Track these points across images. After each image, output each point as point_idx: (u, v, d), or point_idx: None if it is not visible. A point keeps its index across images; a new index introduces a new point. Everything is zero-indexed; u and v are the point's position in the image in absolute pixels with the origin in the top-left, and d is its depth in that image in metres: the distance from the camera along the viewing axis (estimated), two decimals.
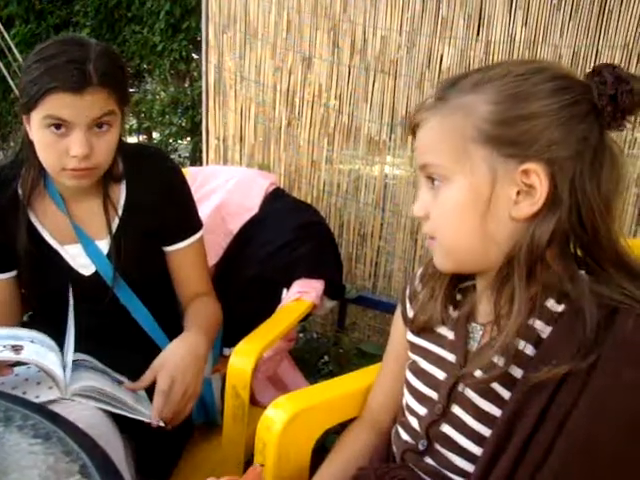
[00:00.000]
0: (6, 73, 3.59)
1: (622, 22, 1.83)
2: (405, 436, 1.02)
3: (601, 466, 0.77)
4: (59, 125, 1.25)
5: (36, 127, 1.27)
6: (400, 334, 1.11)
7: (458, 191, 0.87)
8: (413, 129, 0.93)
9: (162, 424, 1.23)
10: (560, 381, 0.80)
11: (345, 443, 1.14)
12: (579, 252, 0.90)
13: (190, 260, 1.54)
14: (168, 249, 1.52)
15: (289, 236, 1.79)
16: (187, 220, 1.54)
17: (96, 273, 1.44)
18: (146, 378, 1.28)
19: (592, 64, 1.86)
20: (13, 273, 1.46)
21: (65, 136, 1.26)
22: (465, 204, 0.87)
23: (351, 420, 1.20)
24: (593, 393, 0.78)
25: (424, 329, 1.02)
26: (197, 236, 1.55)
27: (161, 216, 1.46)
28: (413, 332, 1.05)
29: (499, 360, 0.86)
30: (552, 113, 0.82)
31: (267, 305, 1.70)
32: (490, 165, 0.84)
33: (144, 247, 1.48)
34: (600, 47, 1.87)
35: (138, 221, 1.45)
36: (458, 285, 1.01)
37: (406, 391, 1.05)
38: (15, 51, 3.67)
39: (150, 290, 1.50)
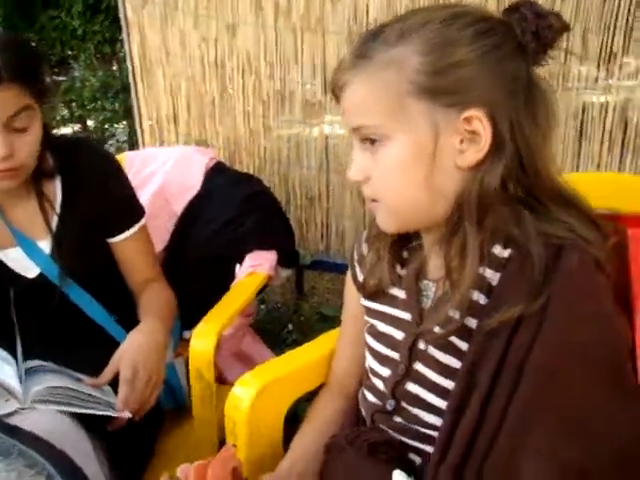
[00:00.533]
0: None
1: None
2: (372, 398, 1.02)
3: (563, 400, 0.78)
4: None
5: None
6: (354, 298, 1.09)
7: (400, 149, 0.84)
8: (336, 92, 0.90)
9: (129, 415, 1.21)
10: (515, 326, 0.80)
11: (315, 412, 1.14)
12: (520, 192, 0.89)
13: (136, 249, 1.50)
14: (112, 241, 1.47)
15: (235, 210, 1.77)
16: (127, 209, 1.49)
17: (41, 275, 1.39)
18: (107, 372, 1.25)
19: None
20: None
21: None
22: (409, 161, 0.84)
23: (320, 387, 1.19)
24: (547, 333, 0.78)
25: (376, 293, 1.01)
26: (140, 224, 1.50)
27: (100, 207, 1.41)
28: (366, 297, 1.05)
29: (454, 313, 0.86)
30: (481, 57, 0.81)
31: (222, 283, 1.68)
32: (430, 117, 0.82)
33: (87, 241, 1.43)
34: None
35: (78, 216, 1.40)
36: (403, 244, 1.00)
37: (368, 354, 1.04)
38: None
39: (100, 284, 1.46)
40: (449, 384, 0.88)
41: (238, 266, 1.70)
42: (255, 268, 1.67)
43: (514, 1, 0.84)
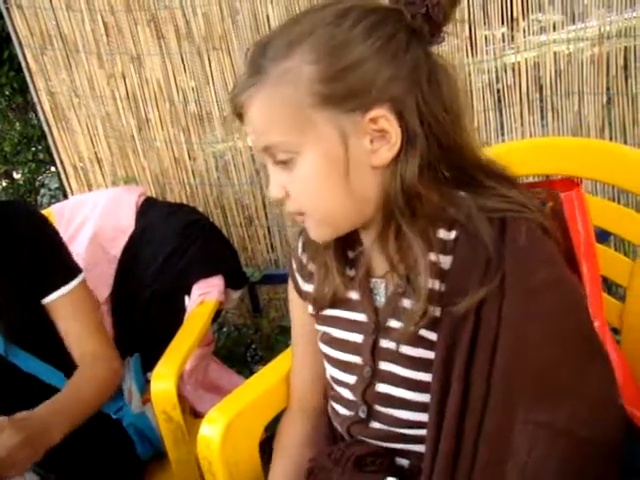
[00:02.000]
0: None
1: None
2: (343, 410, 0.99)
3: (539, 371, 0.78)
4: None
5: None
6: (300, 309, 1.07)
7: (313, 161, 0.82)
8: (238, 113, 0.86)
9: None
10: (478, 307, 0.79)
11: (283, 442, 1.11)
12: (450, 173, 0.88)
13: (72, 309, 1.42)
14: (46, 301, 1.40)
15: (173, 242, 1.74)
16: (59, 266, 1.43)
17: None
18: None
19: None
20: None
21: None
22: (324, 172, 0.82)
23: None
24: (510, 308, 0.78)
25: (332, 301, 0.99)
26: (75, 283, 1.43)
27: (33, 268, 1.37)
28: (322, 308, 1.02)
29: (415, 306, 0.85)
30: (376, 53, 0.79)
31: (174, 318, 1.65)
32: (336, 125, 0.80)
33: (27, 306, 1.39)
34: None
35: (14, 281, 1.36)
36: (346, 246, 0.98)
37: (328, 364, 1.02)
38: None
39: (45, 343, 1.40)
40: (420, 376, 0.87)
41: (187, 298, 1.68)
42: (204, 297, 1.64)
43: None
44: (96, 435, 1.38)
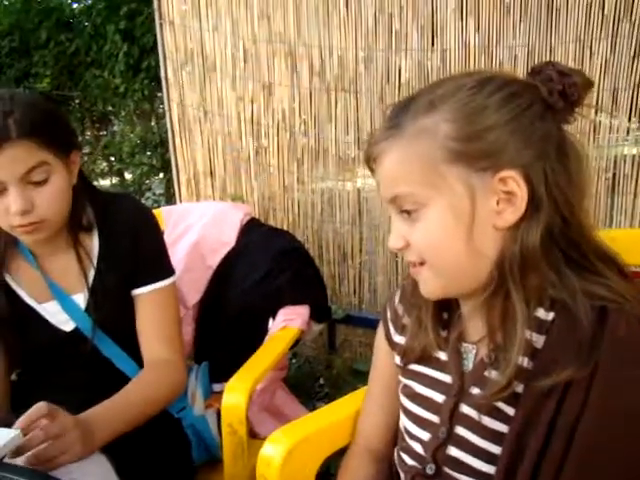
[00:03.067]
0: None
1: (571, 16, 1.86)
2: (411, 462, 0.99)
3: (613, 464, 0.77)
4: None
5: None
6: (385, 356, 1.09)
7: (439, 214, 0.85)
8: (370, 164, 0.91)
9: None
10: (564, 390, 0.79)
11: (347, 478, 1.11)
12: (564, 248, 0.87)
13: (154, 310, 1.44)
14: (134, 293, 1.44)
15: (269, 265, 1.79)
16: (154, 263, 1.46)
17: (77, 328, 1.39)
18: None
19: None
20: None
21: (3, 195, 1.22)
22: (449, 225, 0.85)
23: None
24: (598, 398, 0.77)
25: (421, 357, 1.00)
26: (164, 283, 1.45)
27: (132, 260, 1.41)
28: (410, 362, 1.03)
29: (499, 377, 0.85)
30: (511, 121, 0.82)
31: (254, 336, 1.69)
32: (466, 182, 0.83)
33: (121, 295, 1.43)
34: (553, 43, 1.89)
35: (114, 270, 1.40)
36: (443, 307, 0.99)
37: (404, 416, 1.03)
38: None
39: (130, 337, 1.44)
40: (494, 448, 0.86)
41: (271, 320, 1.72)
42: (288, 323, 1.67)
43: (538, 64, 0.86)
44: (156, 430, 1.39)
